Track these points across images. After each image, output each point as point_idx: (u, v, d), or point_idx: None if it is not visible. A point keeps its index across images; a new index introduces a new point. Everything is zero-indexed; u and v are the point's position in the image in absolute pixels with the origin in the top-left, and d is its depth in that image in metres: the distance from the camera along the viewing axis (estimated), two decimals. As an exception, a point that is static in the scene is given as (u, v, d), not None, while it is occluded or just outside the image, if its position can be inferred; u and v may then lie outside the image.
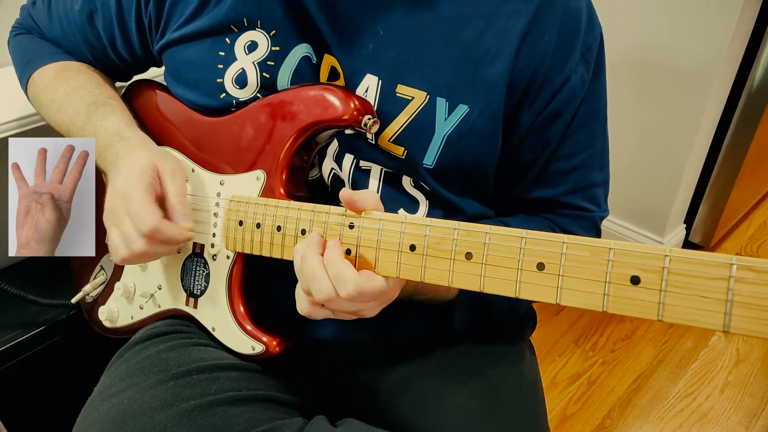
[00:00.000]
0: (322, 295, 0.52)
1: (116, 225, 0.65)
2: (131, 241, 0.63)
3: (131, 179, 0.63)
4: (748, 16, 1.47)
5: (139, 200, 0.62)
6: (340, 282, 0.52)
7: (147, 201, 0.62)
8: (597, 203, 0.73)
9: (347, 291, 0.51)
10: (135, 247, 0.63)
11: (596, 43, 0.65)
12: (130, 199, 0.62)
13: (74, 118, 0.74)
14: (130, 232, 0.63)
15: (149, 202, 0.62)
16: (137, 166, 0.64)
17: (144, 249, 0.63)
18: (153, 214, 0.62)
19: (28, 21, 0.85)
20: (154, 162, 0.65)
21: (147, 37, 0.75)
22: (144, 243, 0.62)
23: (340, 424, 0.65)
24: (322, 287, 0.52)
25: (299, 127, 0.64)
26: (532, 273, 0.46)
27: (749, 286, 0.38)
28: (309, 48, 0.66)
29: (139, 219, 0.62)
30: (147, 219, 0.61)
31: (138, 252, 0.63)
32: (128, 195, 0.63)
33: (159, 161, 0.66)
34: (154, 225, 0.61)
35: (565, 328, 1.69)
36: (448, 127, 0.63)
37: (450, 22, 0.62)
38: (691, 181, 1.78)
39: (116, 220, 0.64)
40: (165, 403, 0.61)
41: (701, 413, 1.44)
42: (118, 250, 0.65)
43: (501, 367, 0.73)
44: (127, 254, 0.64)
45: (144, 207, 0.62)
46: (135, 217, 0.62)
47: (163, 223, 0.62)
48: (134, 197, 0.62)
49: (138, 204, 0.62)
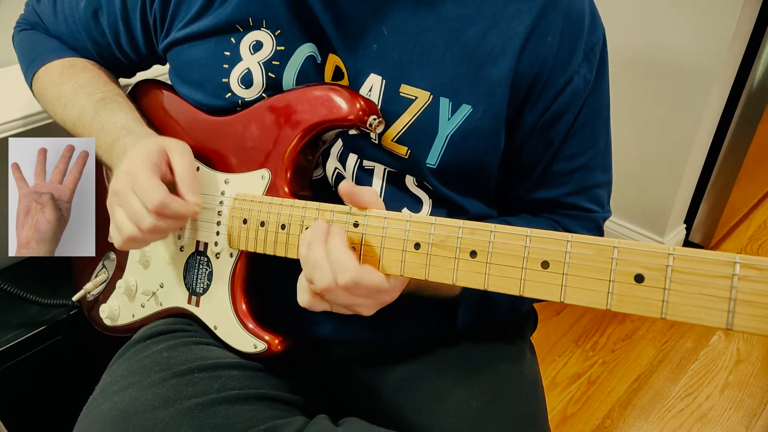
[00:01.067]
0: (323, 283, 0.52)
1: (121, 204, 0.64)
2: (139, 217, 0.62)
3: (136, 159, 0.63)
4: (748, 16, 1.48)
5: (146, 177, 0.62)
6: (339, 269, 0.52)
7: (153, 178, 0.62)
8: (600, 204, 0.73)
9: (344, 279, 0.51)
10: (144, 223, 0.62)
11: (599, 44, 0.65)
12: (136, 176, 0.62)
13: (81, 113, 0.74)
14: (137, 209, 0.62)
15: (155, 178, 0.62)
16: (144, 148, 0.64)
17: (153, 224, 0.61)
18: (160, 188, 0.61)
19: (32, 17, 0.85)
20: (162, 144, 0.65)
21: (152, 36, 0.75)
22: (153, 218, 0.61)
23: (341, 423, 0.65)
24: (323, 276, 0.53)
25: (304, 126, 0.64)
26: (536, 271, 0.46)
27: (752, 284, 0.38)
28: (314, 48, 0.66)
29: (146, 194, 0.61)
30: (154, 194, 0.61)
31: (146, 227, 0.62)
32: (134, 173, 0.62)
33: (166, 143, 0.66)
34: (162, 199, 0.61)
35: (566, 328, 1.69)
36: (451, 127, 0.63)
37: (453, 23, 0.62)
38: (691, 181, 1.78)
39: (121, 200, 0.64)
40: (167, 402, 0.61)
41: (701, 413, 1.44)
42: (123, 230, 0.64)
43: (502, 366, 0.73)
44: (134, 232, 0.63)
45: (150, 183, 0.61)
46: (142, 193, 0.61)
47: (171, 197, 0.62)
48: (140, 175, 0.62)
49: (144, 180, 0.61)
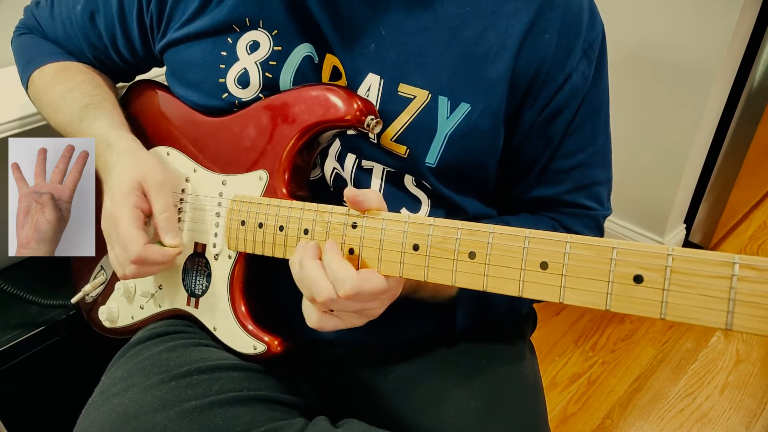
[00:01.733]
0: (323, 296, 0.52)
1: (110, 248, 0.68)
2: (123, 265, 0.66)
3: (117, 202, 0.66)
4: (748, 16, 1.48)
5: (125, 226, 0.64)
6: (338, 281, 0.52)
7: (132, 227, 0.64)
8: (600, 201, 0.73)
9: (345, 290, 0.51)
10: (126, 271, 0.66)
11: (598, 41, 0.65)
12: (118, 224, 0.65)
13: (70, 119, 0.74)
14: (120, 256, 0.66)
15: (134, 227, 0.64)
16: (122, 186, 0.66)
17: (135, 273, 0.66)
18: (137, 241, 0.64)
19: (31, 21, 0.85)
20: (138, 179, 0.66)
21: (148, 37, 0.75)
22: (134, 268, 0.65)
23: (341, 425, 0.65)
24: (322, 290, 0.52)
25: (302, 127, 0.64)
26: (535, 272, 0.46)
27: (751, 285, 0.38)
28: (311, 48, 0.66)
29: (125, 247, 0.64)
30: (132, 247, 0.64)
31: (130, 275, 0.66)
32: (116, 220, 0.65)
33: (143, 176, 0.67)
34: (138, 254, 0.63)
35: (566, 328, 1.69)
36: (450, 125, 0.63)
37: (451, 22, 0.62)
38: (691, 180, 1.78)
39: (111, 244, 0.67)
40: (166, 404, 0.61)
41: (701, 413, 1.44)
42: (116, 270, 0.68)
43: (501, 367, 0.73)
44: (122, 276, 0.67)
45: (129, 234, 0.64)
46: (122, 245, 0.65)
47: (147, 250, 0.64)
48: (121, 223, 0.64)
49: (124, 231, 0.64)
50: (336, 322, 0.56)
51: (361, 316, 0.56)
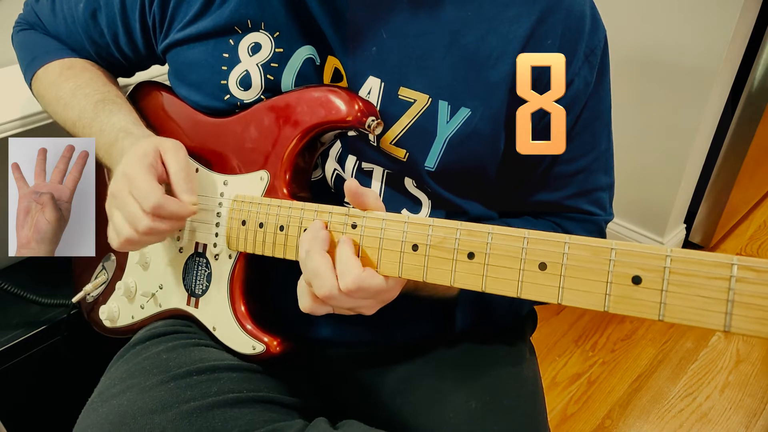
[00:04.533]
0: (324, 290, 0.52)
1: (119, 207, 0.64)
2: (136, 220, 0.62)
3: (132, 161, 0.64)
4: (748, 16, 1.47)
5: (142, 179, 0.62)
6: (342, 274, 0.52)
7: (149, 179, 0.62)
8: (602, 207, 0.72)
9: (346, 284, 0.51)
10: (140, 225, 0.62)
11: (600, 46, 0.65)
12: (133, 178, 0.62)
13: (81, 114, 0.74)
14: (134, 211, 0.62)
15: (152, 179, 0.62)
16: (139, 150, 0.65)
17: (149, 226, 0.62)
18: (155, 190, 0.62)
19: (31, 17, 0.85)
20: (155, 144, 0.66)
21: (151, 37, 0.75)
22: (149, 220, 0.61)
23: (340, 426, 0.65)
24: (324, 284, 0.52)
25: (303, 128, 0.64)
26: (534, 273, 0.46)
27: (750, 286, 0.38)
28: (313, 50, 0.66)
29: (142, 196, 0.61)
30: (150, 195, 0.61)
31: (143, 229, 0.62)
32: (130, 176, 0.63)
33: (159, 142, 0.66)
34: (158, 200, 0.61)
35: (566, 328, 1.69)
36: (450, 130, 0.63)
37: (453, 26, 0.62)
38: (691, 180, 1.78)
39: (119, 203, 0.64)
40: (165, 405, 0.61)
41: (701, 413, 1.44)
42: (121, 232, 0.64)
43: (501, 367, 0.73)
44: (132, 234, 0.63)
45: (146, 184, 0.62)
46: (138, 195, 0.62)
47: (167, 199, 0.62)
48: (136, 177, 0.62)
49: (140, 182, 0.62)
50: (327, 309, 0.56)
51: (352, 312, 0.56)
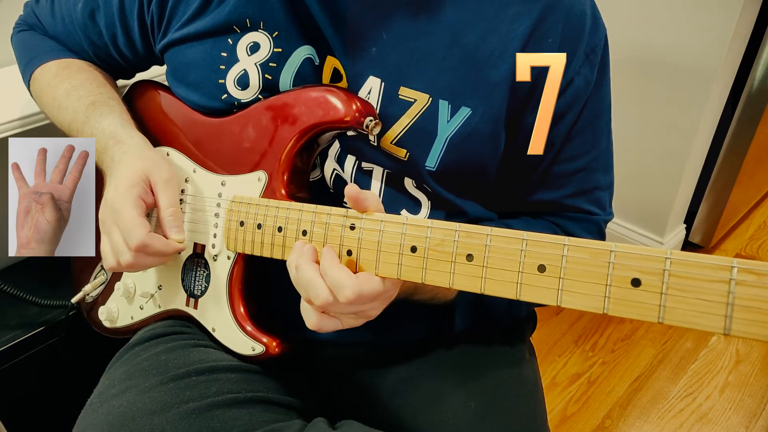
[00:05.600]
0: (321, 300, 0.52)
1: (107, 235, 0.66)
2: (119, 252, 0.64)
3: (120, 192, 0.64)
4: (748, 16, 1.47)
5: (128, 214, 0.63)
6: (338, 288, 0.52)
7: (135, 215, 0.63)
8: (601, 206, 0.72)
9: (346, 296, 0.51)
10: (122, 258, 0.64)
11: (601, 45, 0.65)
12: (119, 212, 0.64)
13: (74, 117, 0.74)
14: (118, 243, 0.64)
15: (137, 215, 0.63)
16: (127, 178, 0.65)
17: (130, 261, 0.64)
18: (141, 228, 0.63)
19: (31, 18, 0.85)
20: (145, 172, 0.66)
21: (149, 37, 0.75)
22: (131, 256, 0.63)
23: (339, 426, 0.65)
24: (319, 293, 0.53)
25: (301, 128, 0.64)
26: (532, 275, 0.46)
27: (750, 289, 0.38)
28: (312, 50, 0.66)
29: (128, 232, 0.63)
30: (135, 233, 0.62)
31: (125, 264, 0.64)
32: (117, 209, 0.64)
33: (151, 170, 0.66)
34: (142, 240, 0.62)
35: (565, 328, 1.69)
36: (450, 129, 0.63)
37: (453, 26, 0.62)
38: (691, 181, 1.78)
39: (106, 231, 0.66)
40: (164, 406, 0.61)
41: (701, 413, 1.44)
42: (107, 259, 0.66)
43: (501, 368, 0.73)
44: (115, 264, 0.65)
45: (132, 221, 0.63)
46: (124, 231, 0.63)
47: (152, 237, 0.63)
48: (123, 211, 0.63)
49: (127, 217, 0.63)
50: (335, 323, 0.56)
51: (358, 317, 0.56)
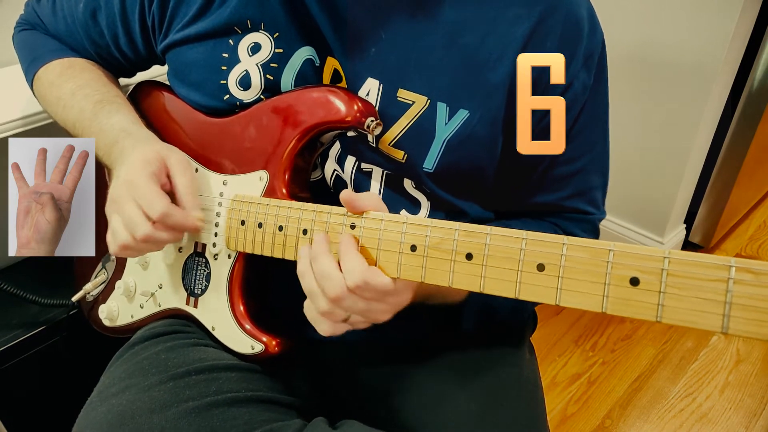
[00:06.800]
0: (335, 291, 0.53)
1: (118, 212, 0.64)
2: (136, 225, 0.62)
3: (136, 168, 0.63)
4: (748, 16, 1.47)
5: (147, 186, 0.62)
6: (348, 272, 0.52)
7: (154, 186, 0.62)
8: (596, 206, 0.73)
9: (354, 280, 0.52)
10: (138, 231, 0.62)
11: (598, 49, 0.65)
12: (137, 185, 0.62)
13: (80, 115, 0.74)
14: (135, 216, 0.62)
15: (157, 187, 0.63)
16: (143, 156, 0.65)
17: (147, 233, 0.61)
18: (162, 198, 0.62)
19: (32, 17, 0.85)
20: (161, 154, 0.66)
21: (150, 37, 0.75)
22: (149, 228, 0.61)
23: (339, 426, 0.65)
24: (334, 284, 0.53)
25: (303, 128, 0.64)
26: (532, 274, 0.46)
27: (748, 288, 0.38)
28: (312, 51, 0.66)
29: (148, 203, 0.61)
30: (157, 204, 0.61)
31: (141, 236, 0.62)
32: (134, 182, 0.63)
33: (165, 153, 0.66)
34: (165, 208, 0.61)
35: (565, 328, 1.69)
36: (448, 131, 0.63)
37: (452, 27, 0.62)
38: (691, 180, 1.78)
39: (118, 207, 0.64)
40: (164, 405, 0.61)
41: (701, 413, 1.44)
42: (118, 237, 0.64)
43: (501, 368, 0.73)
44: (128, 240, 0.63)
45: (152, 192, 0.62)
46: (144, 202, 0.62)
47: (174, 208, 0.62)
48: (141, 184, 0.62)
49: (146, 189, 0.62)
50: (345, 326, 0.56)
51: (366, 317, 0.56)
